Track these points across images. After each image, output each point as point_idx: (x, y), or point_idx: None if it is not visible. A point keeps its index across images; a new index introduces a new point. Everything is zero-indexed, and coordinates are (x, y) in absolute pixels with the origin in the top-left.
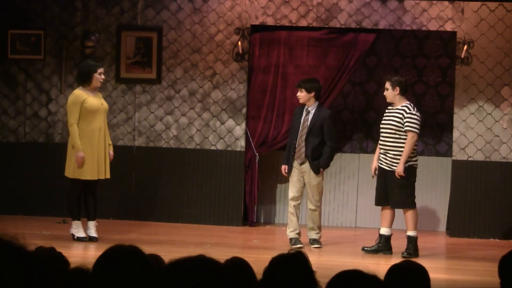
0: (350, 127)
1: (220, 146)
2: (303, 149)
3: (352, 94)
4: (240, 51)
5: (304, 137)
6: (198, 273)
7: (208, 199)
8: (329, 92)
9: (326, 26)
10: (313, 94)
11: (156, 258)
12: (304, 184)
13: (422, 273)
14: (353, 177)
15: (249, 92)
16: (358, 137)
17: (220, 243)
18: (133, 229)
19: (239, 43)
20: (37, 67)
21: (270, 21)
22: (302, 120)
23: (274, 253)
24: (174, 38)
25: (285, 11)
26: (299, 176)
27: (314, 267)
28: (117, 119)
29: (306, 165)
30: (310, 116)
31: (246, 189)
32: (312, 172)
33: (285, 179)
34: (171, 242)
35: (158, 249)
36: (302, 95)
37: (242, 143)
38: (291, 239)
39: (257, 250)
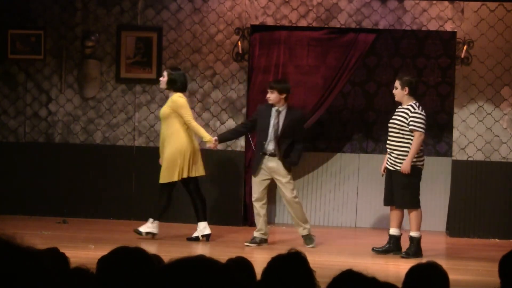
0: (349, 127)
1: (220, 146)
2: (276, 150)
3: (352, 94)
4: (240, 51)
5: (277, 138)
6: (197, 273)
7: (208, 199)
8: (329, 92)
9: (326, 26)
10: (284, 95)
11: (156, 258)
12: (268, 185)
13: (441, 275)
14: (353, 177)
15: (249, 92)
16: (358, 137)
17: (220, 243)
18: (125, 228)
19: (239, 43)
20: (37, 67)
21: (270, 21)
22: (272, 120)
23: (274, 253)
24: (174, 38)
25: (285, 11)
26: (265, 177)
27: (313, 267)
28: (117, 119)
29: (277, 165)
30: (282, 117)
31: (246, 189)
32: (282, 171)
33: None
34: (171, 242)
35: (158, 249)
36: (273, 96)
37: (242, 143)
38: (252, 237)
39: (257, 250)
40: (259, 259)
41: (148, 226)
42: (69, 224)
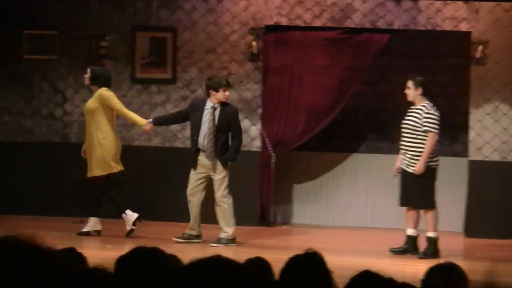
0: (364, 127)
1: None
2: (213, 146)
3: (367, 94)
4: (255, 51)
5: (213, 134)
6: (215, 273)
7: None
8: (343, 93)
9: (340, 26)
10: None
11: (174, 258)
12: (205, 182)
13: (460, 276)
14: (369, 177)
15: (264, 92)
16: (372, 137)
17: (236, 243)
18: (148, 229)
19: (254, 43)
20: (52, 68)
21: (284, 21)
22: (206, 116)
23: (291, 254)
24: (188, 38)
25: (300, 11)
26: (202, 172)
27: (330, 267)
28: None
29: (213, 162)
30: (217, 113)
31: (262, 189)
32: (219, 167)
33: (302, 179)
34: (188, 242)
35: (175, 250)
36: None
37: (258, 143)
38: (183, 233)
39: (274, 251)
40: (276, 260)
41: (90, 225)
42: (85, 223)
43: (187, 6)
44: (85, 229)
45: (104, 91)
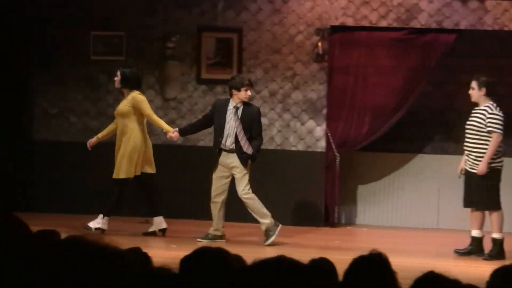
0: (430, 128)
1: (300, 147)
2: (233, 145)
3: (432, 94)
4: (320, 52)
5: (235, 134)
6: (279, 273)
7: (289, 200)
8: (409, 93)
9: (406, 26)
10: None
11: (238, 259)
12: (228, 182)
13: None
14: (434, 178)
15: (329, 93)
16: (438, 138)
17: (300, 244)
18: (207, 229)
19: (319, 43)
20: (118, 69)
21: (350, 22)
22: (229, 117)
23: (355, 254)
24: (254, 39)
25: (365, 11)
26: (223, 174)
27: (394, 269)
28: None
29: (235, 161)
30: (240, 112)
31: (327, 190)
32: (239, 166)
33: (367, 180)
34: (252, 243)
35: (239, 250)
36: (251, 94)
37: (322, 143)
38: (206, 234)
39: (338, 251)
40: (340, 260)
41: (98, 222)
42: (150, 224)
43: (252, 7)
44: (150, 229)
45: (137, 95)
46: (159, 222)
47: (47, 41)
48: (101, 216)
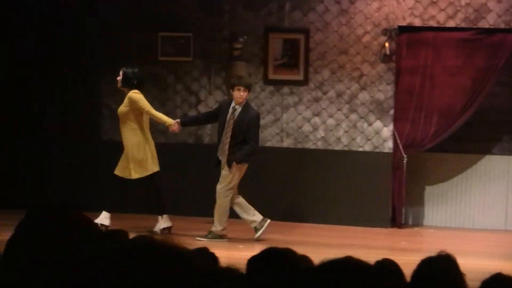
0: (498, 128)
1: (367, 147)
2: (227, 146)
3: (500, 94)
4: (388, 52)
5: (229, 135)
6: (346, 274)
7: (356, 201)
8: (477, 93)
9: (474, 27)
10: (247, 93)
11: (305, 259)
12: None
13: None
14: (502, 179)
15: (396, 93)
16: (507, 138)
17: (367, 245)
18: (279, 230)
19: (387, 44)
20: (186, 69)
21: (417, 22)
22: (228, 117)
23: (423, 256)
24: (321, 40)
25: (433, 11)
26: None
27: (463, 270)
28: (265, 121)
29: (224, 159)
30: (236, 114)
31: (394, 191)
32: (225, 165)
33: (434, 181)
34: (317, 244)
35: (305, 250)
36: (245, 95)
37: (389, 144)
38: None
39: (405, 253)
40: (407, 262)
41: (161, 223)
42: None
43: (319, 8)
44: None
45: (132, 94)
46: (165, 220)
47: (115, 43)
48: (159, 217)
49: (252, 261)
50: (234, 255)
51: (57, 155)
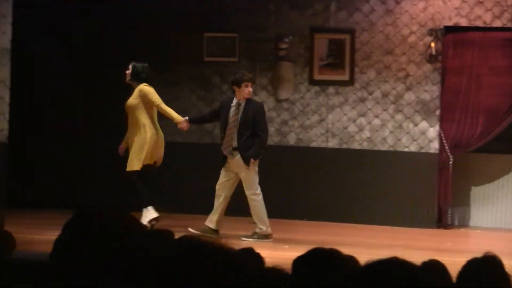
0: None
1: (413, 148)
2: (232, 142)
3: None
4: (433, 52)
5: (235, 130)
6: (393, 275)
7: (401, 201)
8: None
9: None
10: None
11: (351, 260)
12: (233, 179)
13: None
14: None
15: (442, 93)
16: None
17: (413, 245)
18: (325, 230)
19: (432, 44)
20: (231, 70)
21: (463, 22)
22: (231, 113)
23: (469, 257)
24: (366, 40)
25: (479, 11)
26: (229, 170)
27: (509, 272)
28: (310, 121)
29: (238, 159)
30: (242, 108)
31: (440, 191)
32: (242, 165)
33: (480, 181)
34: (362, 244)
35: (351, 251)
36: (252, 90)
37: (435, 145)
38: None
39: (451, 253)
40: (453, 263)
41: (146, 216)
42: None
43: (365, 8)
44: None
45: (143, 86)
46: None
47: (162, 43)
48: (144, 210)
49: (298, 261)
50: (280, 255)
51: (101, 156)
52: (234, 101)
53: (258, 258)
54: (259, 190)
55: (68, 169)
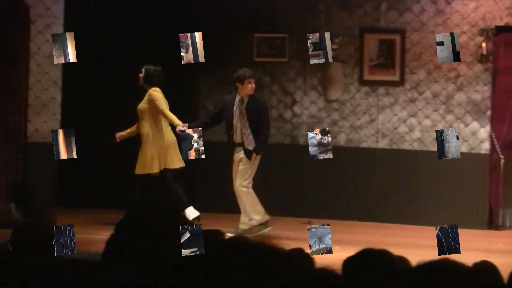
0: None
1: (464, 148)
2: (240, 138)
3: None
4: (485, 53)
5: (239, 126)
6: (444, 276)
7: (452, 202)
8: None
9: None
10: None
11: (402, 261)
12: None
13: None
14: None
15: (493, 94)
16: None
17: (464, 246)
18: (375, 231)
19: (483, 44)
20: (281, 70)
21: None
22: (235, 110)
23: None
24: (417, 40)
25: None
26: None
27: None
28: (360, 121)
29: (241, 153)
30: (244, 105)
31: (491, 192)
32: (244, 159)
33: None
34: (413, 245)
35: (402, 252)
36: (253, 86)
37: (486, 145)
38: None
39: (503, 255)
40: (505, 264)
41: (188, 215)
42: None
43: (415, 8)
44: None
45: (152, 92)
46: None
47: (212, 44)
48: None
49: (348, 262)
50: (330, 256)
51: None
52: (237, 98)
53: (309, 259)
54: (250, 184)
55: (112, 169)
